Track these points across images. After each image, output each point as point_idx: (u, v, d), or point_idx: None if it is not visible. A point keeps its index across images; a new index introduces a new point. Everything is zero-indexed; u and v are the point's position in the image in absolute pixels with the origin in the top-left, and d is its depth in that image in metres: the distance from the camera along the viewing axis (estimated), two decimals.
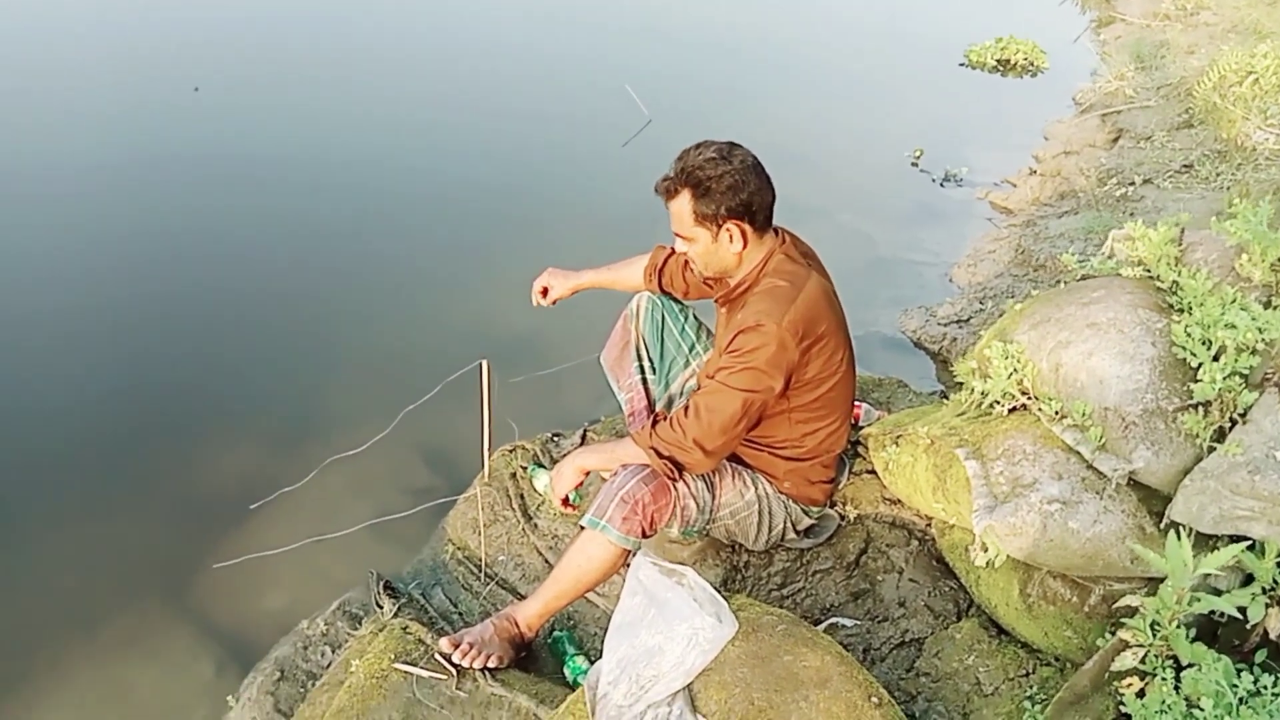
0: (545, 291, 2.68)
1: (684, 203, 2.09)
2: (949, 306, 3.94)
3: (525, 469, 2.87)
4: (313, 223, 4.36)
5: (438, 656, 2.18)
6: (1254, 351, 1.64)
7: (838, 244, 4.49)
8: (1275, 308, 1.67)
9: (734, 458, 2.31)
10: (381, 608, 2.47)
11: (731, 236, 2.11)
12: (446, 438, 3.05)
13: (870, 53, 6.98)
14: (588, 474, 2.30)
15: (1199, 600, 1.53)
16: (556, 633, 2.38)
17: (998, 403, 2.06)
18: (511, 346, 3.43)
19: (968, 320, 3.79)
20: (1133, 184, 4.40)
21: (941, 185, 5.07)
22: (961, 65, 6.78)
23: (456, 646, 2.15)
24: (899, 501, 2.53)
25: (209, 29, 6.44)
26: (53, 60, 5.76)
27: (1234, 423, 1.65)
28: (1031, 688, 1.93)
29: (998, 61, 6.75)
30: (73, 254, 4.02)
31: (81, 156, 4.73)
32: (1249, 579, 1.62)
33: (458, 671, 2.15)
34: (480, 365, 2.66)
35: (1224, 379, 1.63)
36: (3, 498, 2.90)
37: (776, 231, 2.19)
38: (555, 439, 3.03)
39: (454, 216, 4.52)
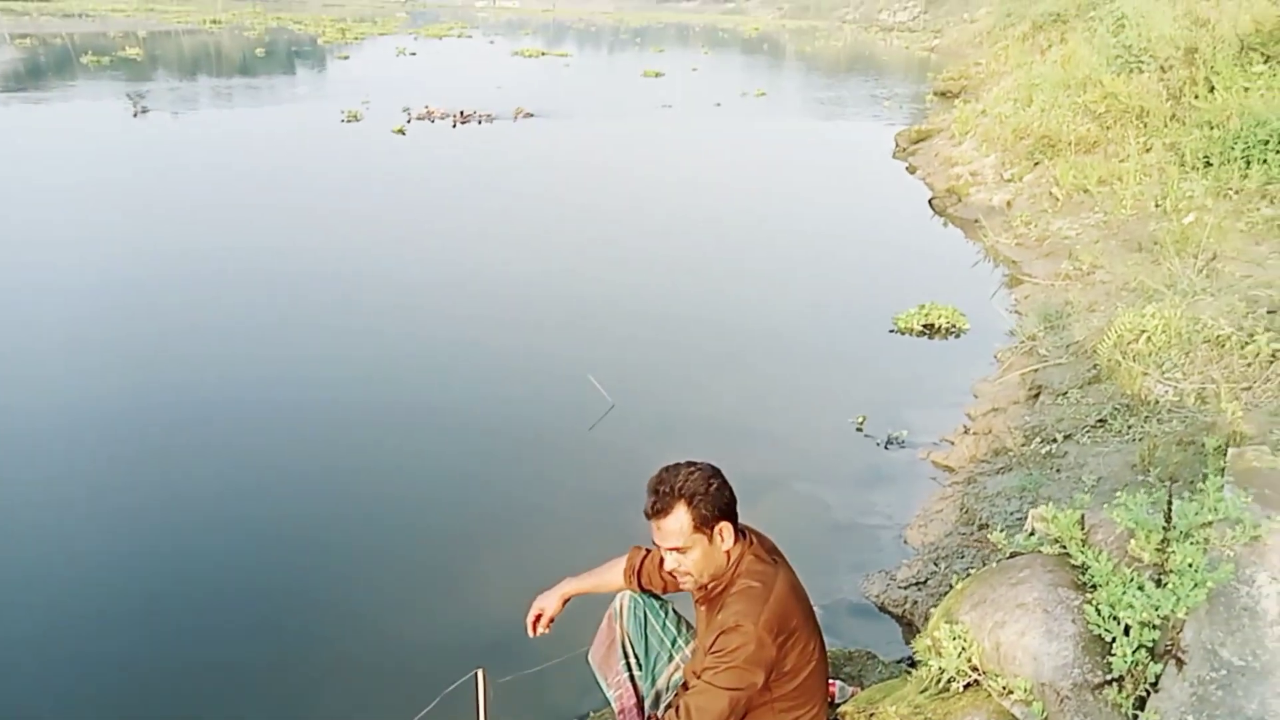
0: (538, 618, 2.90)
1: (681, 515, 2.39)
2: (906, 569, 4.21)
3: None
4: (284, 538, 4.56)
5: None
6: (1154, 627, 1.93)
7: (796, 513, 4.84)
8: (1165, 585, 1.98)
9: None
10: None
11: (723, 536, 2.41)
12: None
13: (808, 326, 7.65)
14: None
15: None
16: None
17: (953, 679, 2.30)
18: (498, 645, 3.59)
19: (925, 582, 4.05)
20: (1055, 441, 4.85)
21: (886, 448, 5.48)
22: (892, 331, 7.44)
23: None
24: None
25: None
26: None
27: (1148, 693, 1.91)
28: None
29: (923, 326, 7.42)
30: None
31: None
32: None
33: None
34: (475, 675, 2.84)
35: (1133, 653, 1.90)
36: None
37: (744, 532, 2.49)
38: None
39: (436, 517, 4.77)
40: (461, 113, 17.59)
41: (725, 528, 2.41)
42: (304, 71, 28.64)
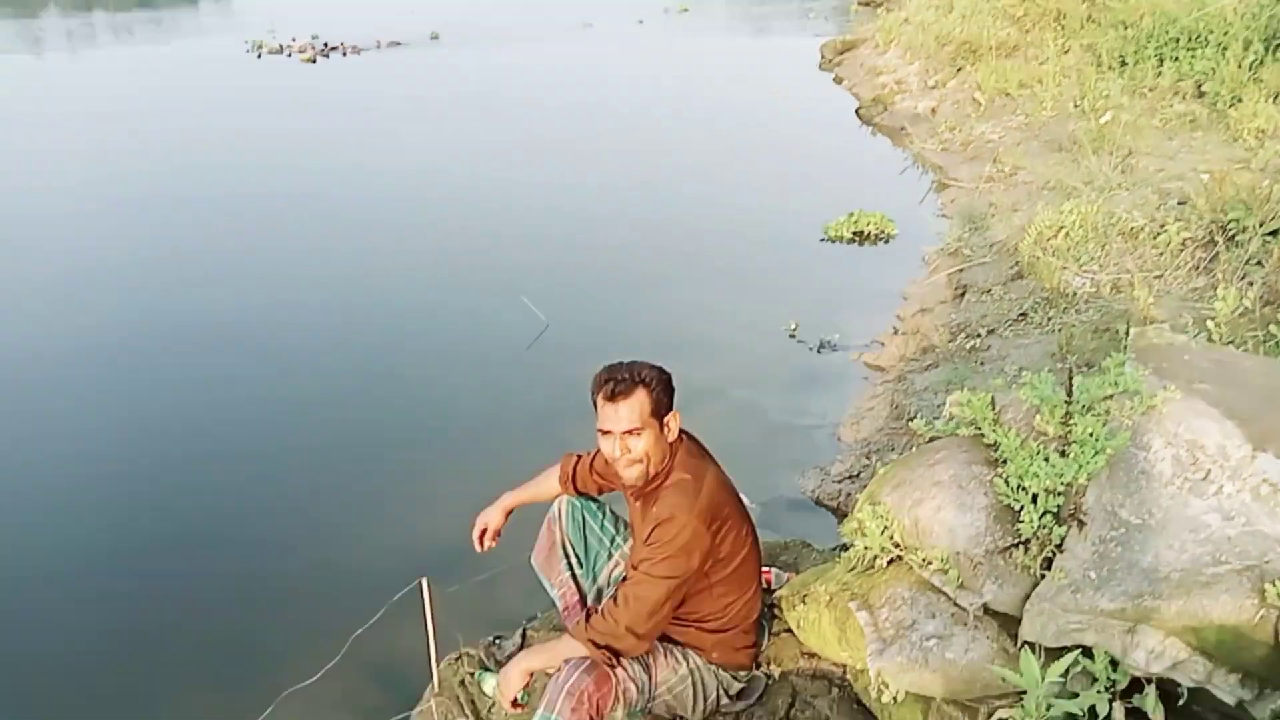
0: (483, 534, 2.96)
1: (639, 400, 2.41)
2: (840, 464, 4.35)
3: (472, 675, 3.05)
4: (228, 458, 4.62)
5: None
6: (1058, 493, 2.05)
7: (734, 418, 4.94)
8: (1068, 455, 2.09)
9: (664, 637, 2.58)
10: None
11: (670, 427, 2.48)
12: (394, 655, 3.22)
13: (741, 238, 7.70)
14: (533, 675, 2.54)
15: (1053, 705, 1.85)
16: None
17: (877, 557, 2.41)
18: (444, 557, 3.65)
19: (858, 475, 4.20)
20: (979, 336, 5.00)
21: (819, 352, 5.60)
22: (823, 240, 7.53)
23: None
24: (815, 655, 2.81)
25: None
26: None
27: (1055, 553, 2.03)
28: None
29: (853, 233, 7.51)
30: None
31: None
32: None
33: None
34: (420, 584, 2.89)
35: (1039, 518, 2.02)
36: None
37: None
38: (498, 641, 3.23)
39: (377, 437, 4.80)
40: (326, 45, 16.80)
41: (674, 419, 2.48)
42: (206, 2, 27.36)
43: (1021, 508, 2.07)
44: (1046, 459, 2.07)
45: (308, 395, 5.20)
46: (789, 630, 2.92)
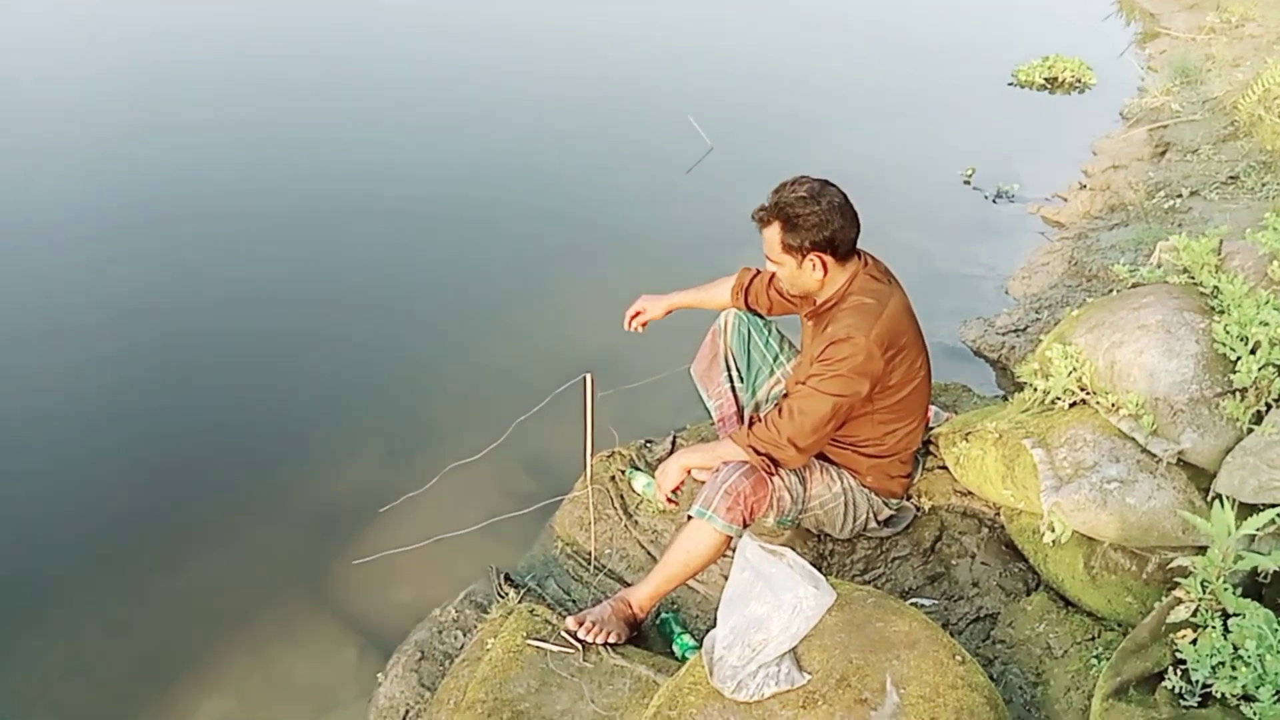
0: (636, 315, 2.98)
1: (774, 233, 2.39)
2: (1006, 317, 4.18)
3: (623, 472, 3.16)
4: (417, 252, 4.80)
5: (564, 634, 2.48)
6: None
7: (898, 260, 4.67)
8: None
9: (821, 455, 2.59)
10: (505, 596, 2.78)
11: (814, 266, 2.40)
12: (550, 445, 3.35)
13: (921, 75, 7.25)
14: (689, 472, 2.60)
15: (1243, 559, 1.77)
16: (664, 615, 2.66)
17: (1059, 399, 2.32)
18: (603, 362, 3.73)
19: (1024, 329, 4.02)
20: (1180, 196, 4.61)
21: (994, 201, 5.31)
22: (1010, 84, 7.02)
23: (580, 624, 2.45)
24: (969, 493, 2.78)
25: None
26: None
27: (1269, 407, 1.90)
28: (1098, 649, 2.17)
29: (1045, 79, 6.97)
30: (192, 283, 4.45)
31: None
32: None
33: (583, 646, 2.44)
34: (585, 378, 2.96)
35: (1259, 369, 1.88)
36: (159, 515, 3.26)
37: (859, 254, 2.48)
38: (648, 445, 3.33)
39: (542, 242, 4.87)
40: None
41: (816, 260, 2.39)
42: None
43: (1239, 358, 1.93)
44: (1277, 308, 1.91)
45: (473, 196, 5.29)
46: (943, 468, 2.89)
